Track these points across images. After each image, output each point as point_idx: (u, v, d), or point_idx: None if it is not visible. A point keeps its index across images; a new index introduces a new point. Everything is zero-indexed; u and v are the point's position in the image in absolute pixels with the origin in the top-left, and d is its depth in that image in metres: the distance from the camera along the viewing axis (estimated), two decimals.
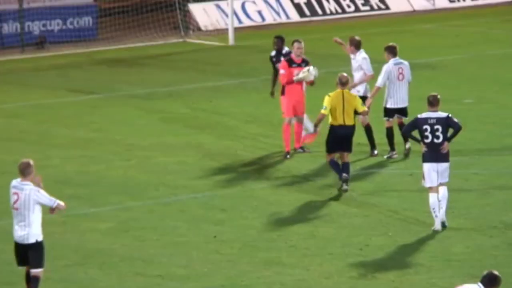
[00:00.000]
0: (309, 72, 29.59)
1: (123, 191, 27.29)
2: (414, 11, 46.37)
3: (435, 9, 47.12)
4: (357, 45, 32.02)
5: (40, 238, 19.08)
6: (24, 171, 19.02)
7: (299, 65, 30.03)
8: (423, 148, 24.69)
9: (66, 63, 39.13)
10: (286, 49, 30.01)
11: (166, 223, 24.46)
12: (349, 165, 27.05)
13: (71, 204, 25.28)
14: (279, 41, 29.86)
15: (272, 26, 43.77)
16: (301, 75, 29.35)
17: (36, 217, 19.32)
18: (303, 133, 30.01)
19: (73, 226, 23.99)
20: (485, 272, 15.74)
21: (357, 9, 46.18)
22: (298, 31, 44.45)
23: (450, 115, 25.16)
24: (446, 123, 24.91)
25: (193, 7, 42.46)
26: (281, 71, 30.56)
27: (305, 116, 29.57)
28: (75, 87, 36.39)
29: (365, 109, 27.80)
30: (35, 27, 40.91)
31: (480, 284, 15.60)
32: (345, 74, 27.46)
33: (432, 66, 40.65)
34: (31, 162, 18.82)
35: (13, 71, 39.16)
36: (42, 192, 19.25)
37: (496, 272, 15.84)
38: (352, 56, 31.47)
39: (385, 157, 30.08)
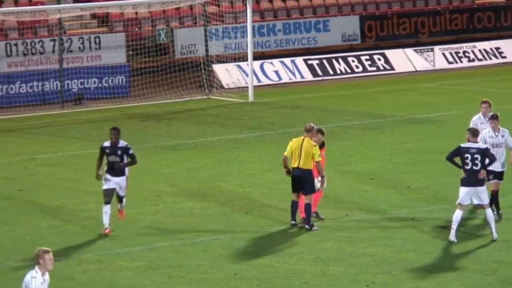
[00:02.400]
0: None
1: (152, 233, 26.84)
2: (416, 71, 45.93)
3: (435, 69, 46.68)
4: None
5: None
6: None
7: None
8: (463, 174, 24.91)
9: (101, 118, 39.00)
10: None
11: (191, 261, 23.86)
12: (308, 207, 26.33)
13: (105, 244, 25.65)
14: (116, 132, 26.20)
15: (288, 85, 43.83)
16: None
17: None
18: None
19: (107, 264, 23.47)
20: None
21: (364, 70, 45.88)
22: (311, 89, 44.38)
23: (488, 147, 25.84)
24: (484, 154, 25.12)
25: (216, 67, 42.32)
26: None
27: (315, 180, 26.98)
28: (108, 139, 36.09)
29: (319, 159, 26.48)
30: (74, 85, 40.86)
31: None
32: (311, 123, 27.18)
33: (432, 120, 40.47)
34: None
35: (54, 125, 39.08)
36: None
37: None
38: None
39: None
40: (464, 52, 47.00)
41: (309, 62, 45.16)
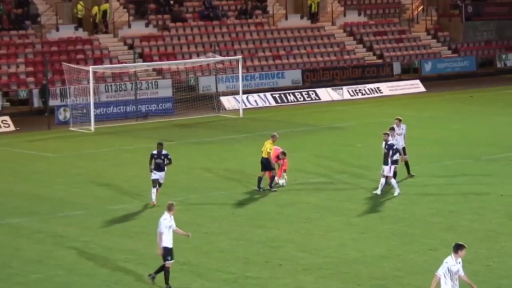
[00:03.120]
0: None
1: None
2: (333, 100, 44.00)
3: (343, 99, 44.83)
4: None
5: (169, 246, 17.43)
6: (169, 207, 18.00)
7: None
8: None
9: (157, 126, 38.03)
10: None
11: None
12: (272, 178, 25.34)
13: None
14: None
15: (261, 108, 42.88)
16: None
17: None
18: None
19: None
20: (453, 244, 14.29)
21: (304, 99, 44.10)
22: (275, 110, 43.11)
23: (394, 144, 24.32)
24: (393, 147, 24.14)
25: (222, 98, 41.61)
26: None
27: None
28: (160, 137, 33.19)
29: (270, 151, 25.77)
30: (142, 108, 40.03)
31: (452, 254, 14.02)
32: (275, 133, 26.50)
33: (342, 128, 37.68)
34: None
35: (131, 130, 37.74)
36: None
37: (460, 242, 14.08)
38: None
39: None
40: (359, 90, 45.96)
41: (274, 95, 44.48)
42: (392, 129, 26.30)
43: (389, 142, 25.23)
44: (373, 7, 54.72)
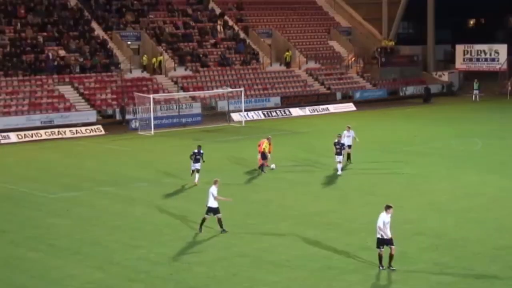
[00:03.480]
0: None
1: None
2: (300, 116, 44.02)
3: (306, 115, 43.84)
4: None
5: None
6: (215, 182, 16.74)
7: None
8: (336, 151, 23.48)
9: (191, 131, 37.55)
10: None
11: None
12: (262, 165, 24.14)
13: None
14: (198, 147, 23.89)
15: (256, 120, 42.60)
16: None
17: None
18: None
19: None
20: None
21: (282, 116, 43.54)
22: (264, 121, 42.46)
23: (344, 143, 23.97)
24: (343, 144, 23.93)
25: (232, 114, 41.54)
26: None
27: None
28: (194, 138, 34.01)
29: (265, 148, 24.52)
30: (183, 120, 39.75)
31: (384, 211, 13.52)
32: (269, 136, 25.58)
33: (303, 132, 37.23)
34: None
35: (176, 133, 37.36)
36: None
37: (389, 204, 13.65)
38: None
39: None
40: (316, 109, 45.03)
41: (263, 112, 44.27)
42: (340, 135, 25.56)
43: (341, 142, 24.99)
44: (324, 58, 55.06)
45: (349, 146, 26.31)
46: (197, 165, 23.17)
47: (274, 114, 44.86)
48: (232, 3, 54.06)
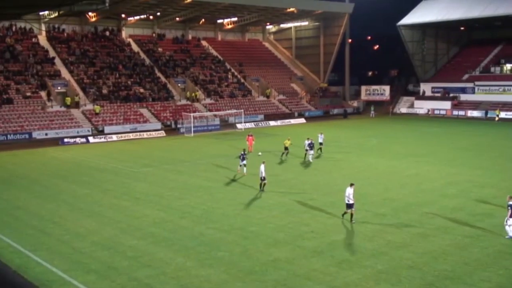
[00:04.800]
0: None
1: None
2: (278, 126, 51.37)
3: (278, 125, 51.50)
4: None
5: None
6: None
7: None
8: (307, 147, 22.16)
9: (214, 135, 42.90)
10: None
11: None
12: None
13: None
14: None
15: (251, 128, 47.71)
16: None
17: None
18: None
19: None
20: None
21: (268, 126, 49.80)
22: (257, 129, 47.81)
23: (312, 142, 23.64)
24: (312, 143, 23.91)
25: (237, 125, 48.11)
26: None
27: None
28: (216, 139, 38.49)
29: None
30: (209, 128, 44.75)
31: (349, 187, 14.55)
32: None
33: (278, 134, 43.22)
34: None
35: (215, 136, 42.22)
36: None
37: (352, 182, 13.94)
38: None
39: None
40: (284, 122, 51.66)
41: (255, 123, 52.10)
42: (309, 138, 25.36)
43: (312, 142, 26.06)
44: (288, 93, 62.14)
45: (321, 143, 28.74)
46: (244, 162, 24.11)
47: (260, 124, 50.25)
48: (236, 62, 64.33)
